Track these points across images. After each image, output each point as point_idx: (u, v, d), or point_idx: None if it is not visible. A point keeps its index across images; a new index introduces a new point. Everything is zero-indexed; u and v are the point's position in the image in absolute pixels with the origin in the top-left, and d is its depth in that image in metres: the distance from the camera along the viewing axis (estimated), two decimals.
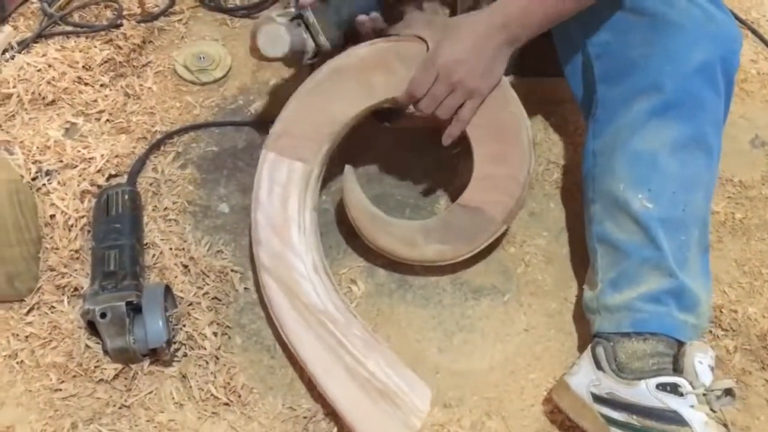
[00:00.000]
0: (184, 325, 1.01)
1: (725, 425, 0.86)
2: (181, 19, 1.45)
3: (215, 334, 1.01)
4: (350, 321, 0.97)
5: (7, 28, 1.37)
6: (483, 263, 1.11)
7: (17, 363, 0.97)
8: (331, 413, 0.95)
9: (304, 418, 0.95)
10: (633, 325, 0.93)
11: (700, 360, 0.89)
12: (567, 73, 1.09)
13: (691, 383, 0.88)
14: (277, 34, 0.99)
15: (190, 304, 1.03)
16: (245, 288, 1.07)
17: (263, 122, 1.25)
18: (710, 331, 1.05)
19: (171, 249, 1.09)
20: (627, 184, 0.96)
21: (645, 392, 0.88)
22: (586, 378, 0.93)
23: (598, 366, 0.92)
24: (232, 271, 1.08)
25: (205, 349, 0.99)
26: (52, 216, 1.09)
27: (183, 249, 1.09)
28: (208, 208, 1.16)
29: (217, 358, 0.99)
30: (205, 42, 1.41)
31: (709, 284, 0.98)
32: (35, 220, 1.08)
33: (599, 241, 1.00)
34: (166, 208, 1.14)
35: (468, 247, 1.03)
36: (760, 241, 1.17)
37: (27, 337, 1.00)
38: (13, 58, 1.31)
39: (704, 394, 0.87)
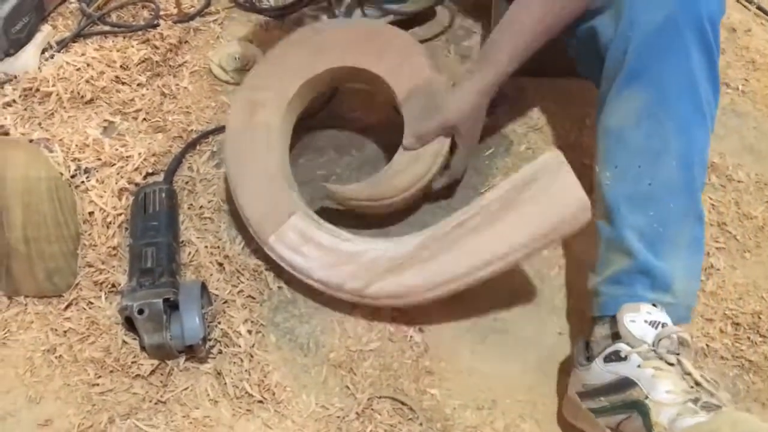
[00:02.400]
0: (219, 323, 1.02)
1: (688, 374, 0.82)
2: (216, 20, 1.46)
3: (249, 331, 1.02)
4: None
5: (47, 28, 1.40)
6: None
7: (56, 357, 0.99)
8: (364, 412, 0.95)
9: (337, 417, 0.95)
10: (598, 309, 0.93)
11: (632, 319, 0.87)
12: (581, 71, 1.12)
13: (629, 344, 0.85)
14: None
15: (225, 302, 1.04)
16: (279, 286, 1.08)
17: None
18: (748, 337, 1.04)
19: (206, 247, 1.10)
20: (600, 164, 0.96)
21: (598, 370, 0.87)
22: (573, 381, 0.93)
23: (576, 364, 0.92)
24: (266, 269, 1.09)
25: (240, 346, 1.00)
26: (91, 213, 1.11)
27: (218, 247, 1.10)
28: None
29: (252, 356, 1.00)
30: (239, 42, 1.42)
31: (695, 257, 0.94)
32: (74, 217, 1.09)
33: (596, 229, 0.99)
34: (201, 207, 1.16)
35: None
36: None
37: (65, 332, 1.01)
38: (52, 57, 1.34)
39: (653, 350, 0.84)
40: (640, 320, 0.87)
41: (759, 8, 1.55)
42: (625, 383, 0.84)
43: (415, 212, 1.16)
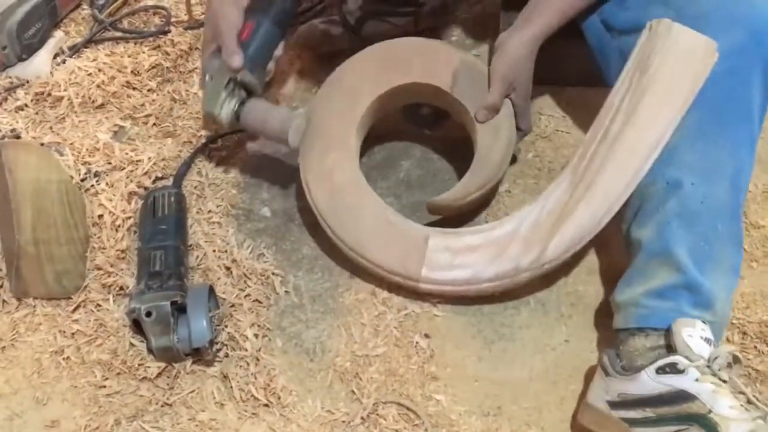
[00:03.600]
0: (226, 326, 1.02)
1: (742, 392, 0.83)
2: None
3: (256, 335, 1.02)
4: None
5: (59, 33, 1.41)
6: None
7: (63, 359, 0.99)
8: (369, 417, 0.95)
9: (343, 422, 0.96)
10: (637, 320, 0.93)
11: (690, 333, 0.87)
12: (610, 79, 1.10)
13: (687, 358, 0.85)
14: (302, 127, 1.09)
15: (232, 306, 1.05)
16: (286, 291, 1.08)
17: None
18: (755, 347, 1.03)
19: (214, 251, 1.11)
20: (648, 176, 0.96)
21: (648, 381, 0.87)
22: (600, 389, 0.92)
23: (607, 373, 0.91)
24: (273, 274, 1.09)
25: (246, 350, 1.00)
26: (100, 216, 1.12)
27: (226, 251, 1.11)
28: (250, 212, 1.17)
29: (258, 360, 1.00)
30: None
31: (734, 280, 0.95)
32: (83, 220, 1.10)
33: (626, 239, 0.99)
34: (209, 211, 1.16)
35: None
36: None
37: (73, 334, 1.02)
38: (64, 62, 1.35)
39: (707, 366, 0.85)
40: (696, 336, 0.87)
41: None
42: (683, 395, 0.84)
43: None
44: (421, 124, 1.25)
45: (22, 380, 0.98)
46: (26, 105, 1.28)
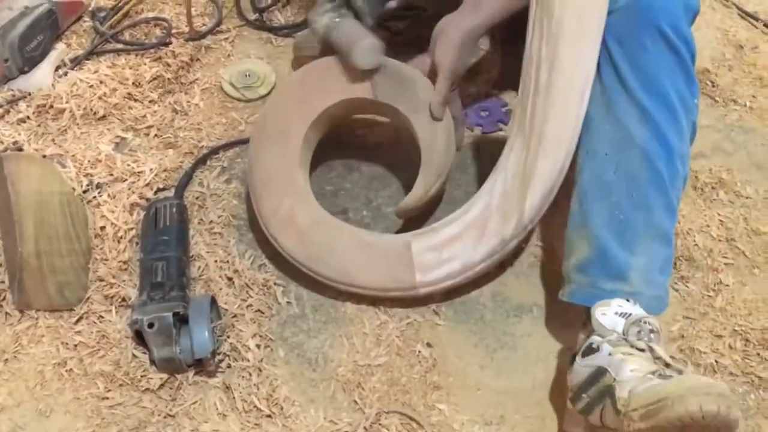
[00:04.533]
0: (228, 337, 1.02)
1: (659, 357, 0.85)
2: (227, 38, 1.48)
3: (258, 346, 1.02)
4: None
5: (61, 46, 1.42)
6: (525, 280, 1.11)
7: (66, 371, 1.00)
8: (372, 427, 0.95)
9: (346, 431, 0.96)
10: (568, 296, 0.98)
11: (603, 312, 0.90)
12: None
13: (600, 335, 0.88)
14: (371, 48, 1.08)
15: (234, 316, 1.05)
16: (288, 301, 1.08)
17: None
18: (758, 354, 1.03)
19: (216, 261, 1.11)
20: (578, 147, 0.99)
21: (578, 368, 0.89)
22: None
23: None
24: (275, 284, 1.09)
25: (249, 360, 1.01)
26: (102, 228, 1.12)
27: (227, 262, 1.11)
28: (252, 222, 1.17)
29: (260, 370, 1.00)
30: (250, 60, 1.44)
31: (662, 249, 0.96)
32: (86, 232, 1.10)
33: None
34: (211, 222, 1.16)
35: None
36: None
37: (76, 345, 1.02)
38: (66, 74, 1.35)
39: (624, 339, 0.87)
40: (610, 312, 0.90)
41: (766, 25, 1.56)
42: (599, 372, 0.86)
43: None
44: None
45: (25, 392, 0.98)
46: (28, 117, 1.28)
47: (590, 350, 0.88)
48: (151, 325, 0.96)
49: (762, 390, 0.99)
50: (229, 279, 1.09)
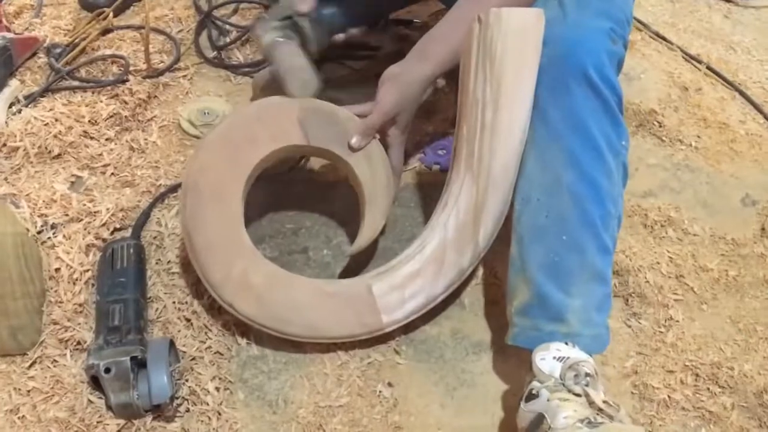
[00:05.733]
0: (187, 380, 1.01)
1: (592, 402, 0.86)
2: (185, 75, 1.48)
3: (218, 389, 1.01)
4: None
5: (15, 82, 1.40)
6: (482, 319, 1.13)
7: (18, 418, 0.97)
8: None
9: None
10: (512, 339, 1.00)
11: (542, 357, 0.92)
12: None
13: (539, 381, 0.91)
14: (306, 79, 1.09)
15: (193, 359, 1.04)
16: (247, 342, 1.08)
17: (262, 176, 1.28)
18: (708, 388, 1.06)
19: (174, 303, 1.10)
20: (514, 193, 1.03)
21: (523, 413, 0.91)
22: None
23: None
24: (234, 325, 1.09)
25: (208, 404, 0.99)
26: (57, 269, 1.10)
27: (186, 303, 1.10)
28: None
29: (220, 414, 0.99)
30: (209, 97, 1.44)
31: (599, 288, 0.98)
32: (40, 274, 1.08)
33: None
34: (169, 261, 1.15)
35: None
36: (753, 298, 1.19)
37: (29, 391, 0.99)
38: (20, 111, 1.34)
39: (561, 383, 0.89)
40: (549, 357, 0.92)
41: (708, 68, 1.63)
42: (538, 419, 0.87)
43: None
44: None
45: None
46: None
47: (531, 396, 0.90)
48: (107, 370, 0.94)
49: (712, 424, 1.02)
50: (188, 320, 1.08)
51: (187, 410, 0.99)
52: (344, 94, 1.20)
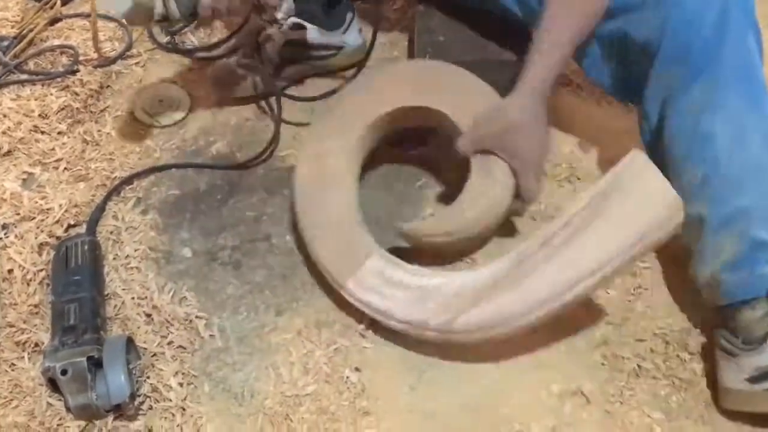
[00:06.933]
0: (149, 377, 0.99)
1: None
2: (138, 62, 1.44)
3: (181, 384, 0.99)
4: None
5: None
6: None
7: None
8: None
9: None
10: (733, 294, 0.97)
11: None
12: (586, 66, 1.14)
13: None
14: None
15: (154, 355, 1.02)
16: (210, 335, 1.05)
17: (224, 163, 1.25)
18: (677, 355, 1.04)
19: (133, 298, 1.07)
20: (687, 162, 1.00)
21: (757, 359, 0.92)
22: (732, 372, 0.95)
23: (732, 354, 0.95)
24: (196, 317, 1.07)
25: (171, 400, 0.97)
26: (10, 271, 1.07)
27: (145, 297, 1.08)
28: (170, 254, 1.14)
29: (184, 409, 0.97)
30: (163, 84, 1.40)
31: None
32: None
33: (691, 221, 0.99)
34: (127, 256, 1.13)
35: None
36: None
37: None
38: None
39: None
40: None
41: None
42: None
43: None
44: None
45: None
46: None
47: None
48: (64, 372, 0.92)
49: (683, 392, 1.01)
50: (148, 315, 1.06)
51: (150, 408, 0.97)
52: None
